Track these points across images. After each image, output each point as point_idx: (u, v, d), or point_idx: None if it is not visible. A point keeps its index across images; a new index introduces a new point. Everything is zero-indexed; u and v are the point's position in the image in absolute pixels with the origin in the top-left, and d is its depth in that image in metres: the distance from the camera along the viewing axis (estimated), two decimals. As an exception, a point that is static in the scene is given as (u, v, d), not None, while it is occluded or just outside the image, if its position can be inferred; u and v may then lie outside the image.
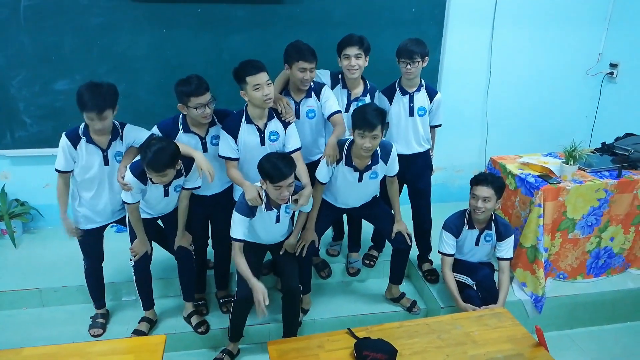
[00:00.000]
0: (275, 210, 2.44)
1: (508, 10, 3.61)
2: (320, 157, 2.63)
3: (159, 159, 2.22)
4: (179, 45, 3.22)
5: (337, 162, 2.55)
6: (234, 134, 2.48)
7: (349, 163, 2.54)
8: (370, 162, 2.55)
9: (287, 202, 2.39)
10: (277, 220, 2.47)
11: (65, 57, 3.14)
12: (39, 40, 3.09)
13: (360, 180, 2.59)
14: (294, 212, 2.60)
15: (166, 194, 2.45)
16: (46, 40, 3.09)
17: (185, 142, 2.44)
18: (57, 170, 2.42)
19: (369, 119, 2.35)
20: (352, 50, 2.62)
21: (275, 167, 2.23)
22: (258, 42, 3.27)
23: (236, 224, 2.39)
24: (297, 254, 2.62)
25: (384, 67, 2.87)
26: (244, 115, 2.49)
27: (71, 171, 2.43)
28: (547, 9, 3.66)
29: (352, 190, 2.66)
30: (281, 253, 2.61)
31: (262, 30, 3.27)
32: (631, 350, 2.84)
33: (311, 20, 3.29)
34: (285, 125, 2.55)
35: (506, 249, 2.73)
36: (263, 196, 2.37)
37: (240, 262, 2.39)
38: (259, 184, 2.38)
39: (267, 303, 2.30)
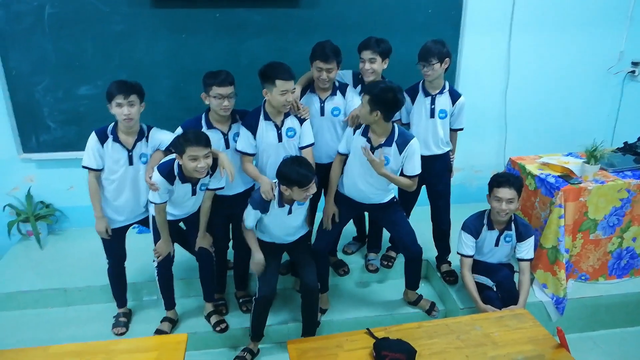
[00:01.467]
0: (287, 205, 2.49)
1: (526, 9, 3.57)
2: None
3: (201, 134, 2.33)
4: (197, 50, 3.27)
5: (356, 129, 2.55)
6: (254, 130, 2.54)
7: (365, 134, 2.53)
8: (382, 142, 2.49)
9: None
10: (290, 212, 2.50)
11: (87, 63, 3.22)
12: (62, 47, 3.17)
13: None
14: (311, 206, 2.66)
15: (193, 192, 2.49)
16: (69, 47, 3.17)
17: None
18: (85, 167, 2.47)
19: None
20: (367, 54, 2.64)
21: (300, 173, 2.31)
22: (275, 46, 3.30)
23: (248, 214, 2.51)
24: (324, 228, 2.70)
25: (400, 70, 2.87)
26: (262, 113, 2.55)
27: (101, 170, 2.48)
28: (567, 7, 3.61)
29: (363, 169, 2.56)
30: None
31: (279, 34, 3.30)
32: (656, 353, 2.79)
33: (327, 23, 3.30)
34: (301, 121, 2.60)
35: (526, 249, 2.71)
36: (276, 192, 2.44)
37: (248, 234, 2.57)
38: (275, 180, 2.44)
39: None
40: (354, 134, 2.57)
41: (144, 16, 3.16)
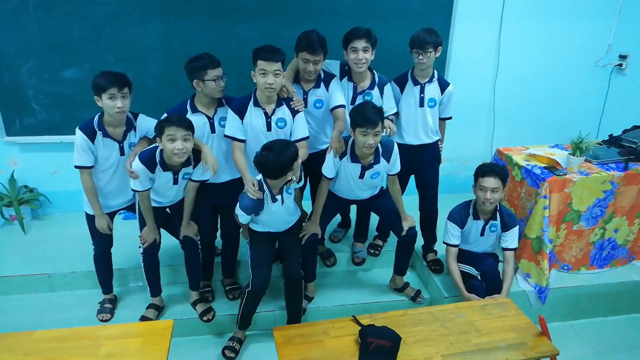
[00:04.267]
0: (279, 197, 2.43)
1: (517, 1, 3.58)
2: (326, 148, 2.63)
3: (182, 117, 2.33)
4: (187, 34, 3.23)
5: (342, 157, 2.54)
6: (241, 115, 2.49)
7: (354, 160, 2.54)
8: (372, 161, 2.54)
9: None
10: (282, 202, 2.47)
11: (74, 45, 3.16)
12: (48, 29, 3.10)
13: (361, 177, 2.58)
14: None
15: (175, 182, 2.47)
16: (55, 29, 3.11)
17: (194, 123, 2.43)
18: (79, 166, 2.43)
19: (369, 117, 2.35)
20: (360, 44, 2.57)
21: (288, 154, 2.25)
22: (266, 31, 3.26)
23: (241, 216, 2.44)
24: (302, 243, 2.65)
25: (392, 58, 2.87)
26: (252, 98, 2.50)
27: (93, 165, 2.45)
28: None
29: (353, 185, 2.65)
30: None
31: (270, 19, 3.26)
32: (634, 342, 2.86)
33: (319, 10, 3.27)
34: (294, 113, 2.55)
35: (511, 239, 2.75)
36: (265, 188, 2.37)
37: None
38: (259, 177, 2.38)
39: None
40: (340, 160, 2.56)
41: (132, -2, 3.10)
